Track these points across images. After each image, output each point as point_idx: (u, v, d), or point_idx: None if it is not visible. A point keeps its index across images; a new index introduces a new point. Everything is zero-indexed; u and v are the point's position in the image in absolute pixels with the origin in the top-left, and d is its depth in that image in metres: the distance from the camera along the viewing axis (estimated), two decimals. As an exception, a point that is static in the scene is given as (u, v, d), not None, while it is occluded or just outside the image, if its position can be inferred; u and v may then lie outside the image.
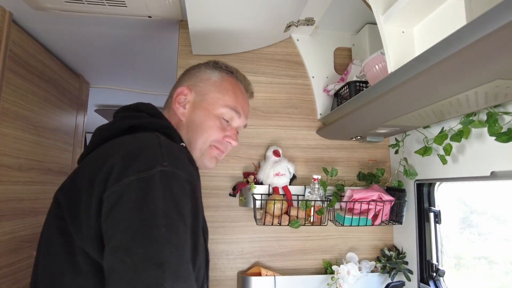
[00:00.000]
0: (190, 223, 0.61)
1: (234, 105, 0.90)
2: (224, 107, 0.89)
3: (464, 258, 1.24)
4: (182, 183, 0.62)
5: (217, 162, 0.92)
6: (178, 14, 1.41)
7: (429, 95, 0.87)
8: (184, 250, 0.57)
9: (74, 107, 2.22)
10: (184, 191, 0.62)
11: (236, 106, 0.90)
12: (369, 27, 1.46)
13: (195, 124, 0.87)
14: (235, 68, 0.97)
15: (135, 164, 0.60)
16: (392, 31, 0.92)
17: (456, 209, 1.27)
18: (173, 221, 0.57)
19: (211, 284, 1.37)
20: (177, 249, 0.55)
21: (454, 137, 1.07)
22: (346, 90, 1.32)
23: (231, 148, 0.93)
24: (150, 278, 0.51)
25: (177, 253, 0.55)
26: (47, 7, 1.33)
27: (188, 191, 0.63)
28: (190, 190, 0.63)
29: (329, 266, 1.42)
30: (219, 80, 0.92)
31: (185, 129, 0.87)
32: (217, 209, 1.42)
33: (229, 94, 0.91)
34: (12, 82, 1.50)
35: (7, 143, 1.47)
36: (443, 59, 0.67)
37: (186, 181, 0.63)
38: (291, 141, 1.52)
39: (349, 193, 1.35)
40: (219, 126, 0.88)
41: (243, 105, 0.93)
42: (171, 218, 0.57)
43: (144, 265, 0.51)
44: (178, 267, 0.54)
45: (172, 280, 0.52)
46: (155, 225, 0.55)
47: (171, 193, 0.59)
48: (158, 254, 0.53)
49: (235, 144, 0.91)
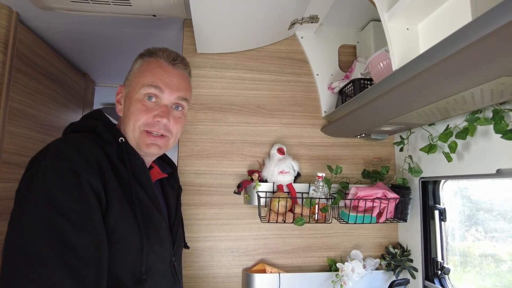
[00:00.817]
0: (68, 209, 0.66)
1: (151, 81, 0.86)
2: (142, 87, 0.87)
3: (470, 256, 1.23)
4: (62, 173, 0.67)
5: (159, 148, 0.89)
6: (183, 13, 1.42)
7: (434, 92, 0.86)
8: (44, 235, 0.62)
9: (80, 105, 2.24)
10: (62, 180, 0.67)
11: (153, 81, 0.86)
12: (373, 24, 1.46)
13: (125, 115, 0.90)
14: (160, 47, 0.94)
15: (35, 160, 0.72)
16: (396, 28, 0.91)
17: (462, 206, 1.27)
18: (37, 207, 0.64)
19: (216, 281, 1.38)
20: (34, 233, 0.62)
21: (459, 134, 1.07)
22: (351, 88, 1.31)
23: (164, 125, 0.87)
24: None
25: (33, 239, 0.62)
26: (53, 6, 1.34)
27: (71, 180, 0.68)
28: (74, 178, 0.68)
29: (334, 264, 1.43)
30: (139, 65, 0.92)
31: (122, 123, 0.91)
32: (222, 206, 1.43)
33: (145, 74, 0.88)
34: (20, 82, 1.52)
35: (15, 141, 1.49)
36: (448, 56, 0.67)
37: (69, 171, 0.68)
38: (295, 139, 1.52)
39: (353, 191, 1.35)
40: (142, 108, 0.86)
41: (163, 78, 0.88)
42: (37, 205, 0.64)
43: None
44: (35, 251, 0.60)
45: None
46: (23, 211, 0.64)
47: (45, 182, 0.66)
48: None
49: (164, 120, 0.86)
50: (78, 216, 0.66)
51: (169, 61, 0.91)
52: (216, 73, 1.50)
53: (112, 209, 0.73)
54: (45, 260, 0.60)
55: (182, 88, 0.91)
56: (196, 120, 1.46)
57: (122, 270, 0.74)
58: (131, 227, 0.77)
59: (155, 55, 0.91)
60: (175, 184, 1.08)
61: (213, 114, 1.47)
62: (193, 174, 1.43)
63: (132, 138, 0.87)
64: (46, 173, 0.66)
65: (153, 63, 0.90)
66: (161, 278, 0.84)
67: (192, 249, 1.38)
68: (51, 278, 0.60)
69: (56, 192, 0.65)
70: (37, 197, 0.65)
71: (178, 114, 0.92)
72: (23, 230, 0.62)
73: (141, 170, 0.85)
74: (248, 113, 1.50)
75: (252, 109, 1.50)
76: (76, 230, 0.65)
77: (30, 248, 0.61)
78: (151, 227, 0.82)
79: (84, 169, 0.70)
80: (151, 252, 0.80)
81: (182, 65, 0.93)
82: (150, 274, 0.79)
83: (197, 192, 1.42)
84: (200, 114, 1.47)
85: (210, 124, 1.47)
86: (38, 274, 0.59)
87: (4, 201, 1.38)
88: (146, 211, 0.82)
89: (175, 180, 1.09)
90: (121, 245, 0.74)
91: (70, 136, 0.79)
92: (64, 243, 0.63)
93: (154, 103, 0.87)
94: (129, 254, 0.76)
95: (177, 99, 0.90)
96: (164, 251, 0.87)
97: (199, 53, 1.49)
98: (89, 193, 0.69)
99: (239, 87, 1.51)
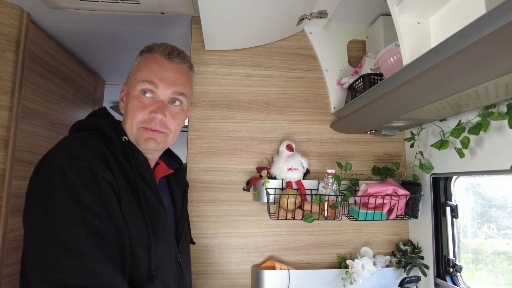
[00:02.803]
0: (93, 204, 0.69)
1: (146, 76, 0.86)
2: (138, 83, 0.86)
3: (482, 254, 1.21)
4: (80, 172, 0.69)
5: (157, 143, 0.87)
6: (191, 10, 1.42)
7: (446, 87, 0.85)
8: (80, 230, 0.66)
9: (90, 104, 2.26)
10: (81, 178, 0.69)
11: (148, 77, 0.85)
12: (383, 19, 1.44)
13: (125, 112, 0.90)
14: (159, 43, 0.92)
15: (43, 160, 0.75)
16: (407, 22, 0.90)
17: (474, 203, 1.25)
18: (67, 206, 0.67)
19: (225, 277, 1.39)
20: (70, 229, 0.65)
21: (472, 130, 1.05)
22: (360, 83, 1.30)
23: (160, 121, 0.86)
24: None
25: (71, 233, 0.65)
26: (63, 6, 1.35)
27: (89, 178, 0.70)
28: (92, 176, 0.70)
29: (344, 261, 1.42)
30: (137, 62, 0.92)
31: (123, 121, 0.91)
32: (231, 203, 1.43)
33: (141, 69, 0.88)
34: (32, 81, 1.54)
35: (27, 139, 1.51)
36: (461, 50, 0.65)
37: (85, 169, 0.70)
38: (304, 136, 1.51)
39: (363, 188, 1.34)
40: (139, 105, 0.85)
41: (158, 73, 0.86)
42: (66, 203, 0.67)
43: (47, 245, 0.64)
44: (75, 245, 0.64)
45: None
46: (53, 211, 0.66)
47: (67, 182, 0.68)
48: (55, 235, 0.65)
49: (159, 116, 0.85)
50: (103, 210, 0.70)
51: (165, 55, 0.89)
52: (225, 70, 1.50)
53: (121, 204, 0.75)
54: (85, 252, 0.64)
55: (179, 82, 0.89)
56: (204, 117, 1.46)
57: (132, 266, 0.76)
58: (139, 224, 0.78)
59: (152, 51, 0.90)
60: (182, 180, 1.08)
61: (222, 111, 1.48)
62: (202, 171, 1.43)
63: (131, 135, 0.87)
64: (65, 172, 0.68)
65: (149, 59, 0.89)
66: (169, 275, 0.85)
67: (202, 245, 1.39)
68: (94, 267, 0.64)
69: (79, 189, 0.68)
70: (63, 196, 0.67)
71: (175, 110, 0.90)
72: (58, 228, 0.65)
73: (145, 169, 0.85)
74: (256, 110, 1.50)
75: (261, 106, 1.50)
76: (104, 223, 0.69)
77: (70, 244, 0.64)
78: (158, 224, 0.83)
79: (98, 166, 0.72)
80: (158, 248, 0.81)
81: (178, 58, 0.91)
82: (159, 270, 0.80)
83: (207, 189, 1.43)
84: (208, 111, 1.47)
85: (219, 121, 1.47)
86: (83, 265, 0.63)
87: (18, 198, 1.40)
88: (152, 208, 0.83)
89: (181, 176, 1.09)
90: (131, 241, 0.75)
91: (77, 135, 0.80)
92: (98, 235, 0.67)
93: (150, 98, 0.86)
94: (138, 250, 0.77)
95: (173, 94, 0.88)
96: (170, 247, 0.87)
97: (207, 50, 1.49)
98: (107, 188, 0.72)
99: (248, 84, 1.50)
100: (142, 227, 0.78)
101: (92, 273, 0.63)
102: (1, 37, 1.36)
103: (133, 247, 0.75)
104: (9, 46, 1.38)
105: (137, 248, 0.76)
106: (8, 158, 1.35)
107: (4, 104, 1.35)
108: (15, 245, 1.39)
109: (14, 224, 1.38)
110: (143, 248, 0.78)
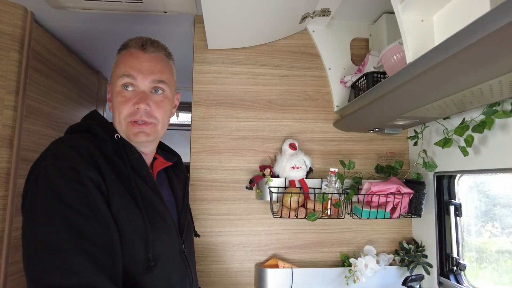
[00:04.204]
0: (76, 203, 0.70)
1: (123, 71, 0.87)
2: (117, 79, 0.88)
3: (486, 252, 1.21)
4: (63, 171, 0.71)
5: (147, 135, 0.88)
6: (193, 9, 1.42)
7: (450, 85, 0.85)
8: (60, 228, 0.67)
9: (93, 103, 2.27)
10: (65, 177, 0.71)
11: (125, 71, 0.87)
12: (386, 17, 1.43)
13: (112, 111, 0.92)
14: (132, 38, 0.95)
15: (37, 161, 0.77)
16: (410, 19, 0.89)
17: (478, 202, 1.24)
18: (49, 205, 0.68)
19: (229, 275, 1.40)
20: (51, 228, 0.67)
21: (476, 128, 1.04)
22: (364, 82, 1.30)
23: (144, 111, 0.87)
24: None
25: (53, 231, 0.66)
26: (67, 6, 1.36)
27: (73, 176, 0.71)
28: (75, 175, 0.72)
29: (347, 259, 1.42)
30: (116, 60, 0.94)
31: (113, 120, 0.92)
32: (234, 202, 1.43)
33: (119, 66, 0.90)
34: (35, 80, 1.55)
35: (31, 138, 1.52)
36: (465, 48, 0.65)
37: (69, 169, 0.71)
38: (307, 134, 1.51)
39: (366, 186, 1.34)
40: (122, 100, 0.87)
41: (134, 65, 0.88)
42: (48, 203, 0.68)
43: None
44: (55, 244, 0.65)
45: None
46: (35, 211, 0.69)
47: (50, 182, 0.70)
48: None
49: (142, 106, 0.85)
50: (86, 208, 0.70)
51: (138, 47, 0.90)
52: (227, 69, 1.50)
53: (113, 201, 0.76)
54: (65, 250, 0.65)
55: (156, 70, 0.89)
56: (207, 116, 1.47)
57: (130, 259, 0.77)
58: (134, 217, 0.79)
59: (127, 46, 0.92)
60: (181, 174, 1.09)
61: (225, 110, 1.48)
62: (205, 170, 1.44)
63: (121, 132, 0.88)
64: (49, 173, 0.71)
65: (125, 54, 0.91)
66: (171, 266, 0.86)
67: (205, 244, 1.39)
68: (73, 265, 0.65)
69: (62, 189, 0.70)
70: (45, 195, 0.69)
71: (159, 98, 0.90)
72: (39, 227, 0.67)
73: (139, 164, 0.87)
74: (259, 108, 1.50)
75: (264, 104, 1.50)
76: (87, 221, 0.70)
77: (49, 242, 0.66)
78: (156, 216, 0.84)
79: (82, 165, 0.73)
80: (157, 240, 0.82)
81: (152, 47, 0.91)
82: (158, 261, 0.81)
83: (209, 188, 1.43)
84: (211, 110, 1.47)
85: (222, 120, 1.47)
86: (61, 263, 0.64)
87: (22, 197, 1.41)
88: (149, 201, 0.84)
89: (181, 170, 1.10)
90: (126, 235, 0.76)
91: (65, 137, 0.83)
92: (79, 233, 0.68)
93: (132, 92, 0.88)
94: (135, 243, 0.78)
95: (152, 83, 0.89)
96: (172, 238, 0.88)
97: (210, 49, 1.49)
98: (91, 186, 0.73)
99: (250, 82, 1.50)
100: (139, 220, 0.79)
101: (72, 271, 0.64)
102: (5, 37, 1.37)
103: (127, 241, 0.77)
104: (13, 46, 1.39)
105: (133, 240, 0.77)
106: (13, 157, 1.36)
107: (9, 103, 1.36)
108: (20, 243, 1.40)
109: (19, 222, 1.39)
110: (140, 241, 0.79)
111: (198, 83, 1.48)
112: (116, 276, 0.71)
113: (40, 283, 0.63)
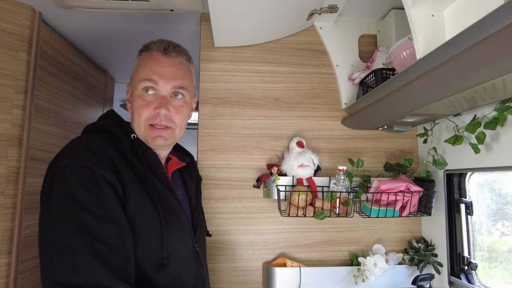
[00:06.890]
0: (88, 203, 0.71)
1: (145, 75, 0.88)
2: (139, 82, 0.88)
3: (497, 252, 1.19)
4: (77, 171, 0.72)
5: (165, 139, 0.89)
6: (200, 7, 1.41)
7: (461, 81, 0.83)
8: (72, 228, 0.68)
9: (100, 102, 2.29)
10: (79, 177, 0.72)
11: (147, 75, 0.87)
12: (395, 12, 1.41)
13: (132, 112, 0.93)
14: (155, 40, 0.94)
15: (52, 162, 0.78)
16: (420, 15, 0.88)
17: (489, 200, 1.22)
18: (61, 205, 0.70)
19: (236, 274, 1.39)
20: (63, 227, 0.68)
21: (488, 124, 1.02)
22: (372, 78, 1.28)
23: (164, 116, 0.87)
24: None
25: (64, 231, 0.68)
26: (74, 5, 1.36)
27: (87, 176, 0.72)
28: (90, 174, 0.73)
29: (355, 258, 1.41)
30: (137, 62, 0.93)
31: (131, 121, 0.93)
32: (241, 200, 1.43)
33: (140, 69, 0.90)
34: (44, 80, 1.56)
35: (40, 138, 1.53)
36: (478, 43, 0.64)
37: (83, 168, 0.73)
38: (315, 132, 1.50)
39: (375, 184, 1.33)
40: (143, 103, 0.88)
41: (156, 70, 0.88)
42: (61, 202, 0.70)
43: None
44: (66, 243, 0.67)
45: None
46: (49, 210, 0.71)
47: (65, 182, 0.71)
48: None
49: (162, 111, 0.86)
50: (99, 208, 0.71)
51: (161, 51, 0.90)
52: (234, 67, 1.49)
53: (130, 199, 0.77)
54: (75, 250, 0.67)
55: (177, 76, 0.90)
56: (214, 114, 1.46)
57: (144, 257, 0.78)
58: (151, 215, 0.80)
59: (149, 49, 0.92)
60: (194, 174, 1.11)
61: (232, 108, 1.47)
62: (212, 168, 1.44)
63: (139, 134, 0.90)
64: (64, 172, 0.72)
65: (147, 57, 0.91)
66: (184, 264, 0.87)
67: (213, 242, 1.39)
68: (83, 265, 0.66)
69: (75, 188, 0.71)
70: (59, 195, 0.71)
71: (178, 103, 0.91)
72: (51, 227, 0.69)
73: (155, 164, 0.88)
74: (266, 106, 1.49)
75: (271, 102, 1.49)
76: (99, 221, 0.71)
77: (61, 242, 0.68)
78: (171, 214, 0.85)
79: (97, 165, 0.74)
80: (172, 238, 0.83)
81: (174, 52, 0.92)
82: (172, 259, 0.82)
83: (217, 186, 1.43)
84: (218, 108, 1.47)
85: (229, 118, 1.47)
86: (71, 262, 0.66)
87: (32, 196, 1.43)
88: (164, 199, 0.85)
89: (194, 170, 1.12)
90: (141, 233, 0.78)
91: (83, 137, 0.84)
92: (89, 233, 0.69)
93: (152, 95, 0.89)
94: (151, 241, 0.79)
95: (173, 88, 0.90)
96: (186, 237, 0.89)
97: (216, 47, 1.48)
98: (105, 186, 0.74)
99: (257, 80, 1.50)
100: (155, 217, 0.81)
101: (81, 271, 0.66)
102: (14, 37, 1.38)
103: (143, 238, 0.78)
104: (22, 46, 1.40)
105: (148, 237, 0.79)
106: (22, 156, 1.37)
107: (18, 103, 1.37)
108: (30, 241, 1.42)
109: (29, 220, 1.41)
110: (155, 238, 0.80)
111: (205, 82, 1.48)
112: (128, 275, 0.72)
113: (51, 281, 0.65)
